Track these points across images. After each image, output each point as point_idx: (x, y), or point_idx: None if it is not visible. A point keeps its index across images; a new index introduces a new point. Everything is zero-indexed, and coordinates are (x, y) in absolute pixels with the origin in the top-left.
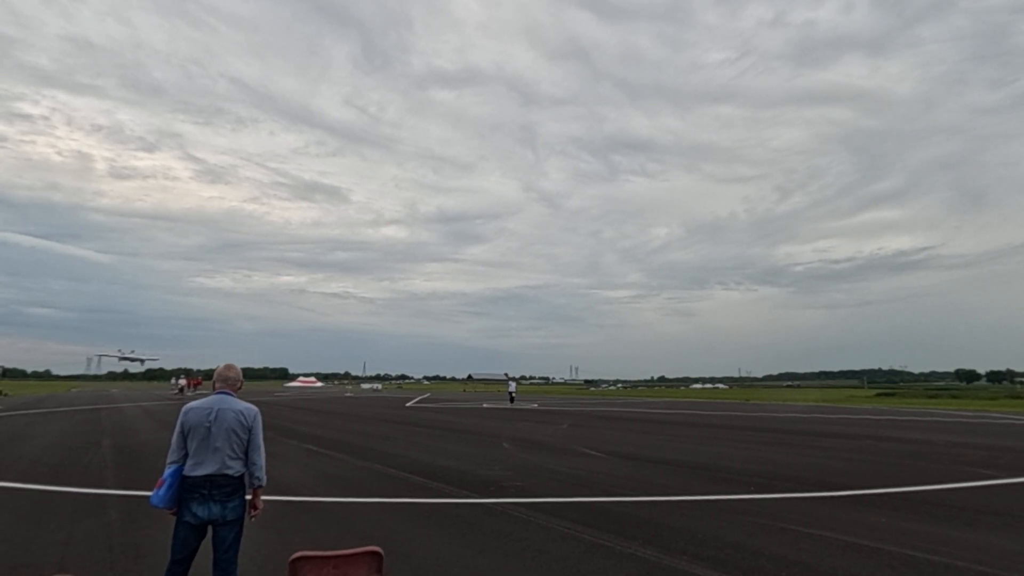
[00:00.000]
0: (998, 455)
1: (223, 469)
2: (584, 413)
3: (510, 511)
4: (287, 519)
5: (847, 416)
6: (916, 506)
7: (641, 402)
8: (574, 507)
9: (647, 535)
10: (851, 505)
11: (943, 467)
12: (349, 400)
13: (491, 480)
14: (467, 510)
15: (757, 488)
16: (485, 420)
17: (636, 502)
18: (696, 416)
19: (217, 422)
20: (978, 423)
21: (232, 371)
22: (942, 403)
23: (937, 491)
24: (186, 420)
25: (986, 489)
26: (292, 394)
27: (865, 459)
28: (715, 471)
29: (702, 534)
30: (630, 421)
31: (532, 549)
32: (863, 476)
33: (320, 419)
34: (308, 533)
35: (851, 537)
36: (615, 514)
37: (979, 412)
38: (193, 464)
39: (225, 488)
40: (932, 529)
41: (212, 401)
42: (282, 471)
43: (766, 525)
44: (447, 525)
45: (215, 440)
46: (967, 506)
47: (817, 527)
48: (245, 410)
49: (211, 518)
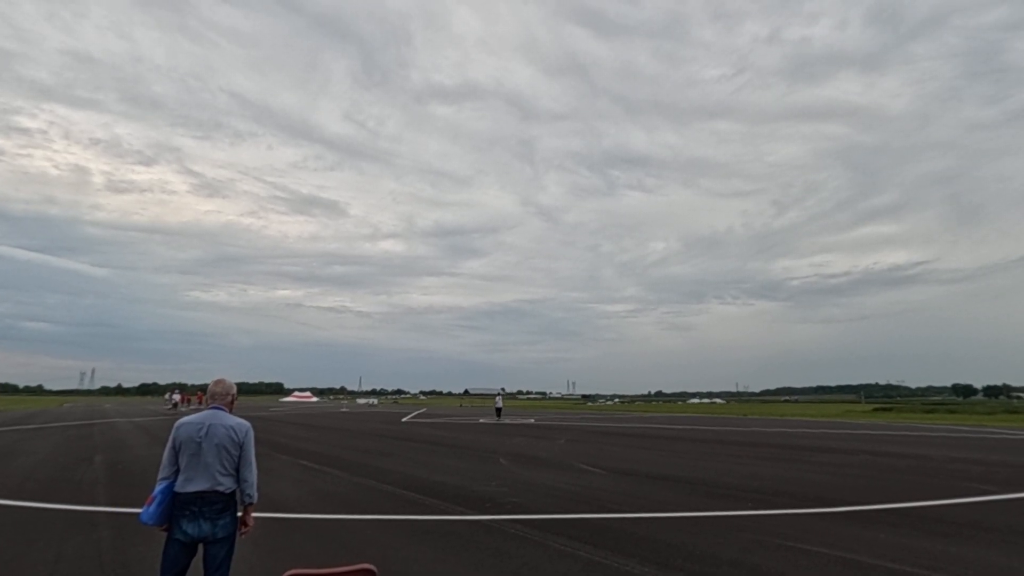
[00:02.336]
0: (996, 470)
1: (214, 486)
2: (581, 428)
3: (506, 528)
4: (279, 536)
5: (844, 431)
6: (914, 522)
7: (638, 417)
8: (571, 524)
9: (645, 552)
10: (849, 521)
11: (941, 482)
12: (345, 415)
13: (487, 496)
14: (463, 527)
15: (755, 504)
16: (481, 435)
17: (634, 518)
18: (694, 431)
19: (208, 438)
20: (975, 438)
21: (223, 386)
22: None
23: (935, 507)
24: (177, 435)
25: (984, 505)
26: (287, 409)
27: (863, 475)
28: (713, 487)
29: (700, 551)
30: (627, 436)
31: (529, 567)
32: (861, 492)
33: (315, 434)
34: (301, 550)
35: (849, 553)
36: (613, 531)
37: (976, 427)
38: (184, 480)
39: (216, 505)
40: (930, 545)
41: (204, 416)
42: (275, 487)
43: (764, 542)
44: (442, 542)
45: (205, 456)
46: (966, 522)
47: (815, 543)
48: (236, 426)
49: (201, 536)
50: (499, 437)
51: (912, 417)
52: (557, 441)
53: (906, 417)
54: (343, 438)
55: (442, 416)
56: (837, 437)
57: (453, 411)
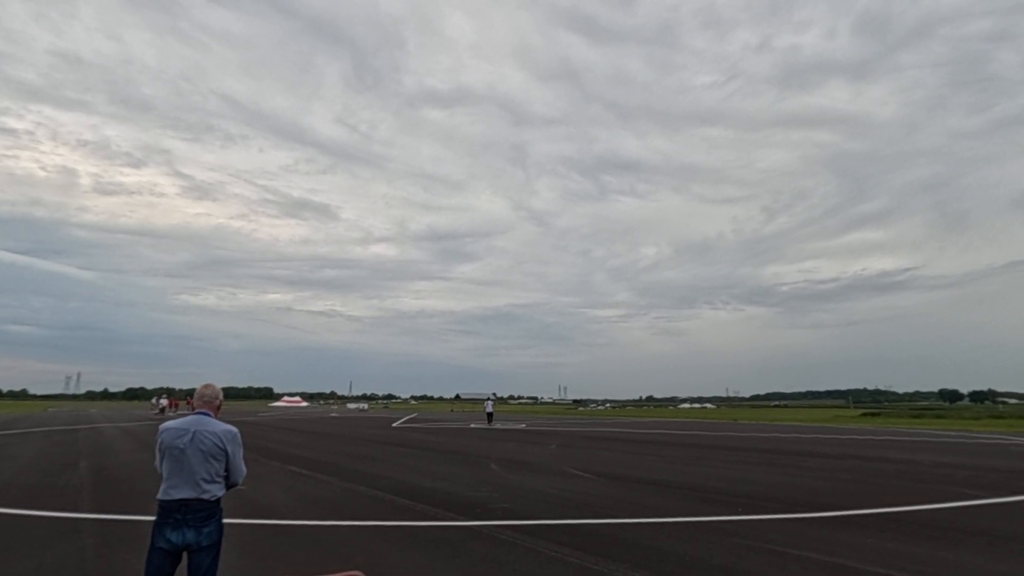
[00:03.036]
0: (982, 475)
1: (199, 494)
2: (572, 433)
3: (497, 534)
4: (267, 543)
5: (834, 436)
6: (902, 526)
7: (629, 422)
8: (562, 529)
9: (636, 557)
10: (838, 526)
11: (928, 487)
12: (334, 420)
13: (477, 502)
14: (452, 533)
15: (745, 509)
16: (472, 440)
17: (624, 524)
18: (684, 436)
19: (192, 444)
20: (962, 443)
21: (210, 390)
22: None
23: (923, 511)
24: (162, 440)
25: (971, 509)
26: (276, 414)
27: (852, 479)
28: (703, 492)
29: (690, 556)
30: (618, 441)
31: (519, 573)
32: (850, 496)
33: (304, 439)
34: (289, 557)
35: (838, 558)
36: (603, 536)
37: (962, 432)
38: (167, 487)
39: (200, 513)
40: (918, 550)
41: (189, 422)
42: (263, 493)
43: (754, 547)
44: (432, 548)
45: (190, 463)
46: (952, 526)
47: (805, 548)
48: (223, 432)
49: (185, 544)
50: (490, 442)
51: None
52: (548, 446)
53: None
54: (333, 443)
55: (433, 421)
56: (826, 442)
57: (444, 416)
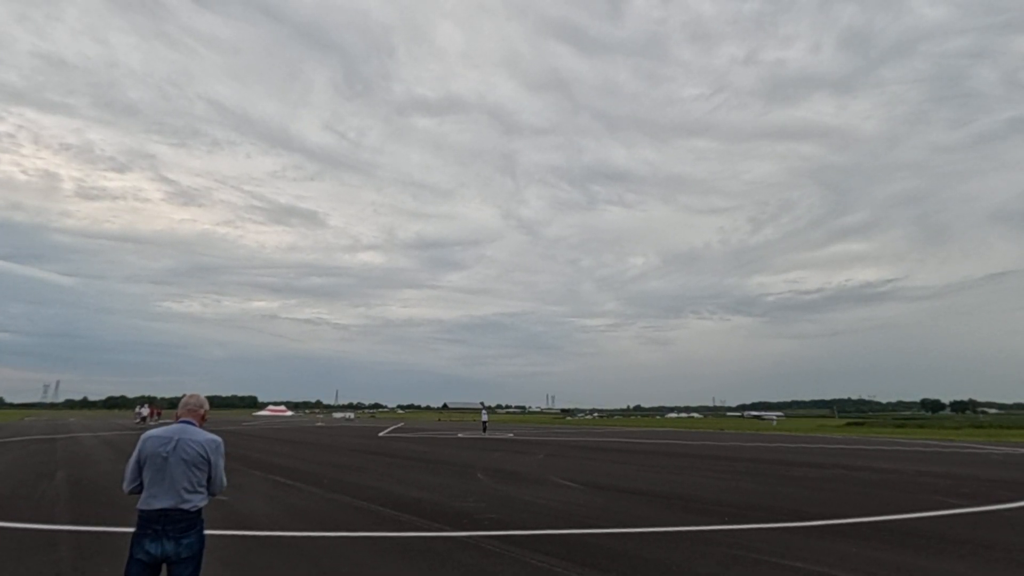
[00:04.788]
0: (963, 484)
1: (179, 504)
2: (560, 443)
3: (483, 544)
4: (250, 555)
5: (818, 446)
6: (886, 535)
7: (617, 431)
8: (549, 539)
9: (622, 567)
10: (823, 535)
11: (911, 496)
12: (320, 430)
13: (464, 512)
14: (439, 543)
15: (731, 519)
16: (460, 450)
17: (611, 534)
18: (671, 446)
19: (175, 453)
20: (943, 452)
21: (195, 399)
22: (909, 432)
23: (906, 520)
24: (143, 449)
25: (952, 517)
26: (261, 423)
27: (836, 489)
28: (689, 501)
29: (676, 566)
30: (606, 451)
31: None
32: (834, 506)
33: (289, 449)
34: (272, 570)
35: (823, 567)
36: (590, 546)
37: (944, 441)
38: (147, 497)
39: (180, 524)
40: (901, 558)
41: (172, 431)
42: (247, 504)
43: (740, 556)
44: (418, 559)
45: (172, 472)
46: (934, 534)
47: (790, 558)
48: (206, 441)
49: (165, 555)
50: (477, 452)
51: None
52: (535, 456)
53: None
54: (318, 453)
55: (420, 431)
56: (811, 452)
57: (432, 425)
